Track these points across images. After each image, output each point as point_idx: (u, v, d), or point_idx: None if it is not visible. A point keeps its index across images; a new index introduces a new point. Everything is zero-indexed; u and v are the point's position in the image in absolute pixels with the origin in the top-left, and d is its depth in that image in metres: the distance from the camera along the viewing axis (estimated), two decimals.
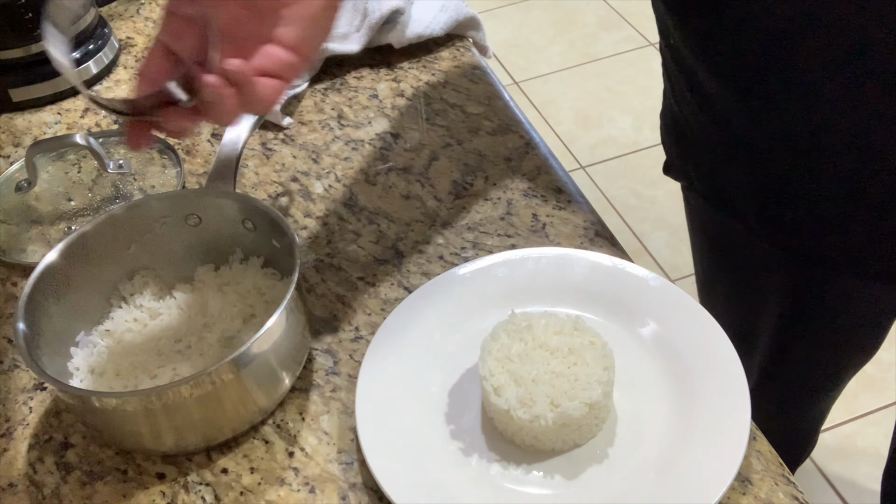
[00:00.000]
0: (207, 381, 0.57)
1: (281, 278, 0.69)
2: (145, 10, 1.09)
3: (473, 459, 0.60)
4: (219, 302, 0.68)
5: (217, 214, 0.69)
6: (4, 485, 0.63)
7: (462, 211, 0.80)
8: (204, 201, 0.70)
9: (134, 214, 0.69)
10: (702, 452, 0.58)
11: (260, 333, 0.58)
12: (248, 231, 0.69)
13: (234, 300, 0.68)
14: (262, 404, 0.63)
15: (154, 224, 0.69)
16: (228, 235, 0.70)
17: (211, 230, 0.70)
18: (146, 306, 0.69)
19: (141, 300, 0.69)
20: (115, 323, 0.68)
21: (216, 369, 0.56)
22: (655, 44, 2.55)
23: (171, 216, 0.69)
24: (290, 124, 0.90)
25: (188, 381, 0.56)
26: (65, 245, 0.65)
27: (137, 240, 0.69)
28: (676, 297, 0.68)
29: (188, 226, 0.70)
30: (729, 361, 0.62)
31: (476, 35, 1.00)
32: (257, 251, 0.70)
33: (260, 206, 0.68)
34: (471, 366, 0.65)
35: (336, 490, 0.61)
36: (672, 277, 1.89)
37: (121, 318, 0.68)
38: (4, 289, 0.76)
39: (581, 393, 0.58)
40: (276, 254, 0.68)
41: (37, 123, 0.94)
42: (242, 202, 0.69)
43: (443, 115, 0.90)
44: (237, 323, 0.66)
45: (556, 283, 0.70)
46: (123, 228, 0.68)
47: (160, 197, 0.72)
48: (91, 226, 0.67)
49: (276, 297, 0.68)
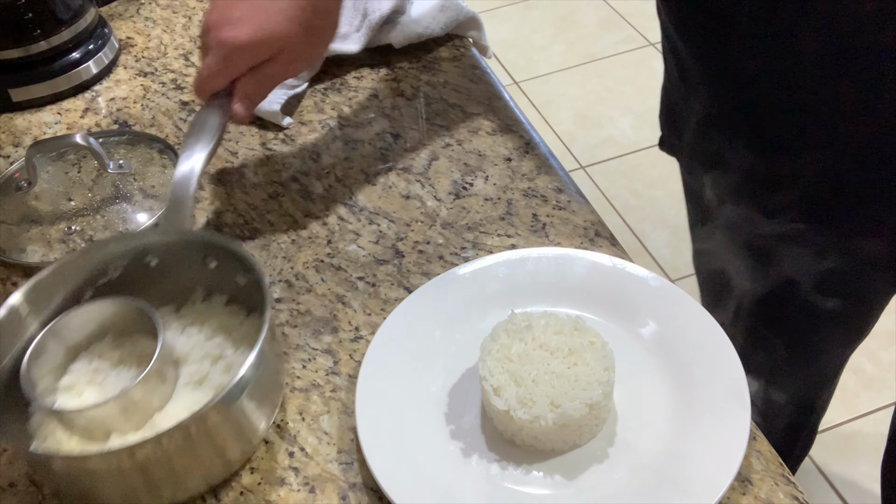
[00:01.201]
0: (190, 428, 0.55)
1: (248, 315, 0.67)
2: (145, 10, 1.09)
3: (473, 459, 0.60)
4: (183, 345, 0.65)
5: (175, 254, 0.67)
6: (5, 485, 0.63)
7: (462, 211, 0.80)
8: (160, 241, 0.67)
9: (87, 260, 0.66)
10: (702, 452, 0.58)
11: (242, 372, 0.56)
12: (209, 268, 0.66)
13: (200, 341, 0.65)
14: (233, 457, 0.61)
15: (109, 268, 0.66)
16: (188, 274, 0.67)
17: (170, 270, 0.67)
18: (106, 355, 0.65)
19: (101, 349, 0.65)
20: (74, 377, 0.63)
21: (200, 414, 0.54)
22: (655, 44, 2.56)
23: (127, 259, 0.66)
24: (290, 124, 0.90)
25: (170, 432, 0.54)
26: (22, 294, 0.62)
27: (92, 286, 0.66)
28: (676, 297, 0.68)
29: (145, 267, 0.67)
30: (729, 361, 0.62)
31: (476, 35, 1.00)
32: (220, 289, 0.67)
33: (220, 242, 0.66)
34: (471, 366, 0.65)
35: (336, 490, 0.61)
36: (672, 277, 1.89)
37: (81, 370, 0.64)
38: (4, 288, 0.76)
39: (581, 393, 0.58)
40: (240, 290, 0.65)
41: (37, 123, 0.94)
42: (201, 239, 0.67)
43: (443, 115, 0.90)
44: (205, 365, 0.64)
45: (556, 283, 0.70)
46: (78, 275, 0.65)
47: (115, 239, 0.68)
48: (46, 273, 0.64)
49: (245, 336, 0.65)
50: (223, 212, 0.82)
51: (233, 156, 0.88)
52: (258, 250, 0.78)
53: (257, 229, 0.80)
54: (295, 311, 0.73)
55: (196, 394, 0.62)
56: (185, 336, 0.66)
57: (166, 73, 0.99)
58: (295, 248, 0.78)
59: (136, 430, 0.60)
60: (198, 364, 0.64)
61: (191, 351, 0.64)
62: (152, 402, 0.60)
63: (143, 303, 0.63)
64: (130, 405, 0.59)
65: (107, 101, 0.96)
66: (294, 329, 0.71)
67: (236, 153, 0.88)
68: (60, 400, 0.62)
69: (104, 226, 0.79)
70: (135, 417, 0.59)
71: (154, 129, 0.91)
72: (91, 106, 0.96)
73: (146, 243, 0.67)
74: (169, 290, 0.68)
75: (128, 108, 0.95)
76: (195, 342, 0.65)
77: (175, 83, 0.97)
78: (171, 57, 1.01)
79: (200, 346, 0.65)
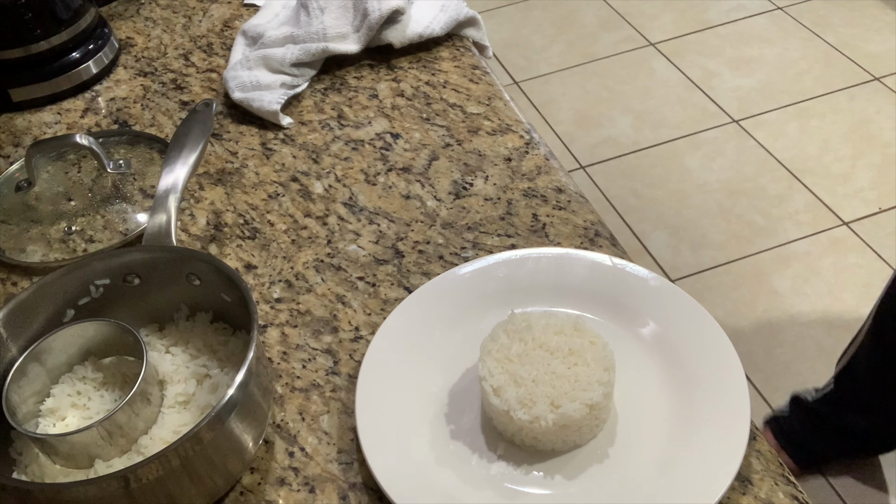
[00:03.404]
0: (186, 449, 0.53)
1: (234, 332, 0.65)
2: (145, 10, 1.09)
3: (473, 459, 0.60)
4: (168, 365, 0.64)
5: (158, 271, 0.65)
6: None
7: (462, 211, 0.80)
8: (143, 259, 0.65)
9: (68, 280, 0.64)
10: (702, 452, 0.58)
11: (231, 390, 0.55)
12: (193, 286, 0.65)
13: (185, 360, 0.64)
14: (220, 483, 0.59)
15: (90, 287, 0.65)
16: (172, 292, 0.66)
17: (153, 288, 0.65)
18: (89, 377, 0.64)
19: (83, 371, 0.64)
20: (57, 400, 0.62)
21: (193, 435, 0.53)
22: (656, 43, 2.56)
23: (109, 277, 0.65)
24: (291, 124, 0.90)
25: (157, 456, 0.52)
26: (1, 316, 0.61)
27: (73, 306, 0.64)
28: (676, 297, 0.68)
29: (127, 286, 0.65)
30: (729, 361, 0.62)
31: (476, 35, 1.00)
32: (205, 306, 0.66)
33: (204, 259, 0.64)
34: (471, 366, 0.65)
35: (336, 490, 0.61)
36: (672, 277, 1.89)
37: (63, 392, 0.63)
38: (4, 288, 0.76)
39: (581, 394, 0.58)
40: (226, 306, 0.64)
41: (37, 123, 0.94)
42: (184, 256, 0.65)
43: (443, 115, 0.90)
44: (191, 385, 0.62)
45: (556, 283, 0.70)
46: (58, 295, 0.64)
47: (96, 258, 0.66)
48: (26, 294, 0.62)
49: (231, 354, 0.64)
50: (223, 212, 0.82)
51: (233, 156, 0.88)
52: (258, 250, 0.78)
53: (257, 229, 0.80)
54: (295, 311, 0.73)
55: (182, 415, 0.61)
56: (169, 356, 0.65)
57: (166, 73, 0.99)
58: (295, 248, 0.78)
59: (121, 455, 0.58)
60: (183, 384, 0.62)
61: (175, 371, 0.63)
62: (137, 425, 0.59)
63: (125, 325, 0.62)
64: (115, 429, 0.57)
65: (107, 101, 0.96)
66: (294, 329, 0.71)
67: (236, 153, 0.88)
68: (43, 424, 0.61)
69: (104, 226, 0.79)
70: (120, 441, 0.58)
71: (154, 129, 0.91)
72: (91, 106, 0.96)
73: (128, 261, 0.65)
74: (152, 308, 0.66)
75: (128, 108, 0.95)
76: (180, 362, 0.64)
77: (175, 83, 0.97)
78: (171, 57, 1.01)
79: (185, 366, 0.64)
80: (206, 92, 0.95)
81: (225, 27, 1.05)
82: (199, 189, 0.84)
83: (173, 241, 0.67)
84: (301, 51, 0.92)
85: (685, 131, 2.26)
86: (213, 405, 0.55)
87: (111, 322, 0.63)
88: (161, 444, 0.58)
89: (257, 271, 0.76)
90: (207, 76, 0.98)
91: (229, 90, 0.91)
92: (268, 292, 0.74)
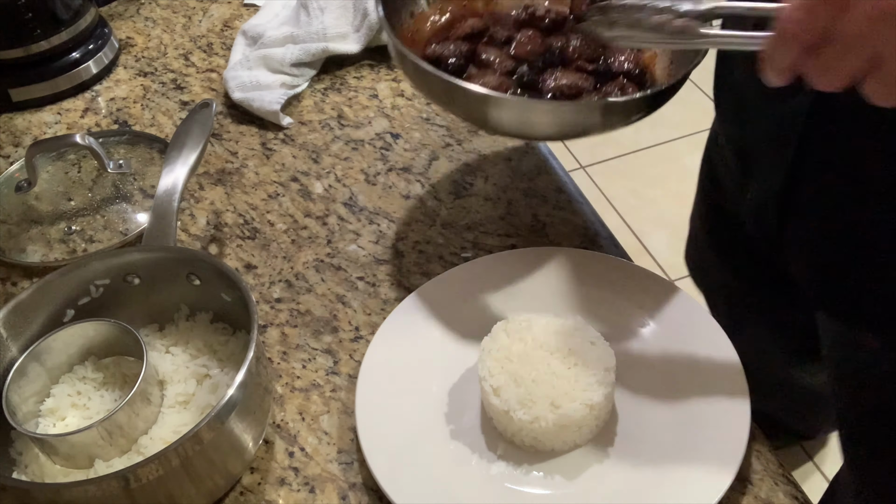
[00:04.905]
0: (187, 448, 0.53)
1: (234, 332, 0.66)
2: (145, 10, 1.09)
3: (473, 459, 0.60)
4: (168, 365, 0.64)
5: (159, 271, 0.65)
6: None
7: (462, 211, 0.80)
8: (143, 259, 0.65)
9: (68, 280, 0.64)
10: (702, 452, 0.58)
11: (231, 390, 0.55)
12: (193, 286, 0.65)
13: (185, 360, 0.64)
14: (219, 482, 0.59)
15: (90, 287, 0.65)
16: (172, 292, 0.66)
17: (153, 288, 0.65)
18: (89, 377, 0.64)
19: (83, 371, 0.64)
20: (57, 400, 0.62)
21: (192, 435, 0.53)
22: None
23: (109, 277, 0.65)
24: (290, 124, 0.90)
25: (156, 457, 0.52)
26: (1, 316, 0.61)
27: (73, 306, 0.64)
28: (676, 297, 0.68)
29: (127, 286, 0.65)
30: (729, 361, 0.62)
31: None
32: (205, 306, 0.66)
33: (204, 259, 0.65)
34: (471, 366, 0.65)
35: (336, 490, 0.61)
36: (672, 277, 1.89)
37: (63, 392, 0.63)
38: (4, 288, 0.76)
39: (582, 394, 0.58)
40: (225, 306, 0.64)
41: (37, 123, 0.94)
42: (184, 256, 0.65)
43: (443, 115, 0.90)
44: (191, 385, 0.62)
45: (555, 282, 0.70)
46: (58, 295, 0.63)
47: (96, 257, 0.66)
48: (26, 294, 0.62)
49: (231, 354, 0.64)
50: (223, 212, 0.82)
51: (233, 156, 0.88)
52: (258, 250, 0.78)
53: (257, 229, 0.80)
54: (295, 311, 0.73)
55: (182, 415, 0.61)
56: (169, 356, 0.65)
57: (166, 73, 0.99)
58: (295, 248, 0.78)
59: (121, 455, 0.58)
60: (183, 384, 0.63)
61: (175, 371, 0.63)
62: (137, 425, 0.59)
63: (125, 325, 0.62)
64: (115, 429, 0.58)
65: (107, 101, 0.96)
66: (294, 329, 0.71)
67: (236, 153, 0.88)
68: (43, 424, 0.61)
69: (104, 226, 0.79)
70: (120, 441, 0.58)
71: (154, 129, 0.91)
72: (91, 106, 0.96)
73: (128, 261, 0.65)
74: (152, 309, 0.67)
75: (128, 108, 0.95)
76: (180, 362, 0.64)
77: (175, 83, 0.97)
78: (171, 57, 1.01)
79: (185, 366, 0.64)
80: (206, 92, 0.95)
81: (225, 27, 1.05)
82: (199, 189, 0.84)
83: (173, 242, 0.67)
84: (301, 51, 0.92)
85: (685, 131, 2.26)
86: (213, 405, 0.55)
87: (111, 322, 0.63)
88: (161, 444, 0.58)
89: (257, 271, 0.76)
90: (207, 76, 0.98)
91: (229, 90, 0.91)
92: (268, 292, 0.74)
